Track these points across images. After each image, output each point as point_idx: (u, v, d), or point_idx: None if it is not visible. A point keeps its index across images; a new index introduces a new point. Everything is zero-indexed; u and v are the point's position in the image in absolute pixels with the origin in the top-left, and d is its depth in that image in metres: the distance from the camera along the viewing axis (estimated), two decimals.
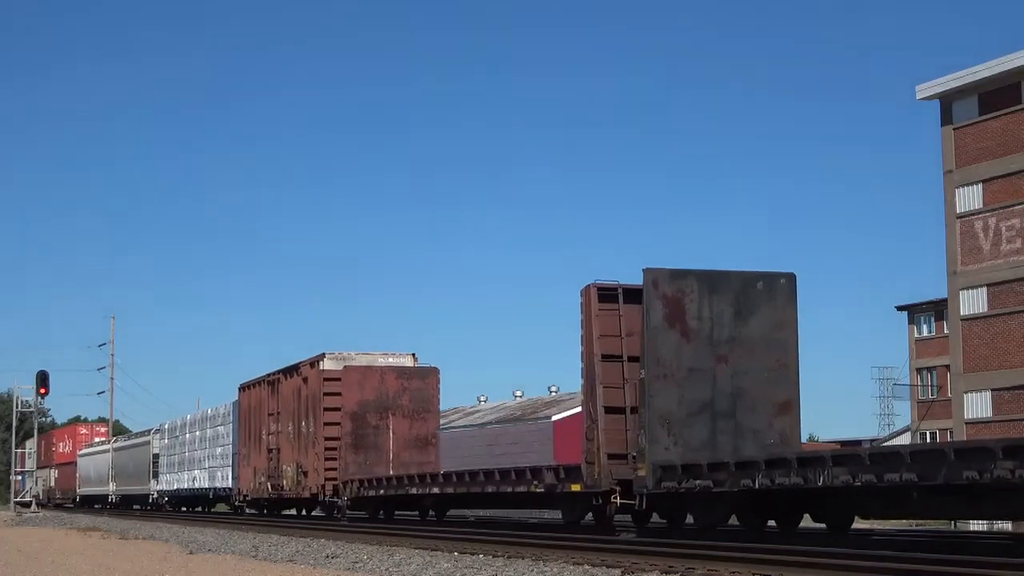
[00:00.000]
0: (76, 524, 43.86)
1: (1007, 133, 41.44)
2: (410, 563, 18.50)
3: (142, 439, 61.77)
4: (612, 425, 21.27)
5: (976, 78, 41.92)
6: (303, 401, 35.96)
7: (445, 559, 19.01)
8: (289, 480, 36.97)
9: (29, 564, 21.97)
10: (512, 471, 24.56)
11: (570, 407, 62.93)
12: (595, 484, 21.15)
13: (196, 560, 21.77)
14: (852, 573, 13.63)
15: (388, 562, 19.00)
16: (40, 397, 69.67)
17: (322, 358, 34.82)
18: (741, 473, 17.60)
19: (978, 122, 42.27)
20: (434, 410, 34.60)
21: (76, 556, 23.89)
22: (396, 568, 17.95)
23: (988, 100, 42.05)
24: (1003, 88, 41.45)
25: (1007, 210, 41.14)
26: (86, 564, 21.44)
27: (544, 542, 19.97)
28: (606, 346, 21.56)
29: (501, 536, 22.25)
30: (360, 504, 33.17)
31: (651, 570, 15.39)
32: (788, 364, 20.56)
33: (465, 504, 31.45)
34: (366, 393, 33.58)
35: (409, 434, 33.81)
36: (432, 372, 34.71)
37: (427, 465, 32.87)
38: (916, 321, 69.98)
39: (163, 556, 23.08)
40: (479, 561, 18.33)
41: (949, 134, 43.22)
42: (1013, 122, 41.27)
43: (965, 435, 41.06)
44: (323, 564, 19.62)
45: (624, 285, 21.79)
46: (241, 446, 43.01)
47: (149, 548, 26.18)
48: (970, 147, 42.50)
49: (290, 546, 24.46)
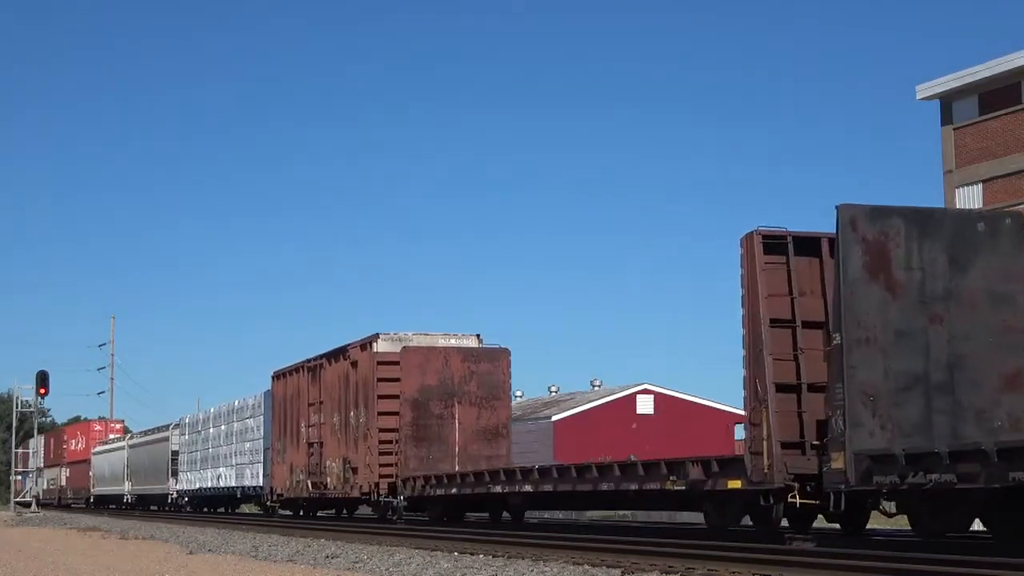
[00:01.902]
0: (76, 524, 43.84)
1: (1007, 133, 41.44)
2: (410, 563, 18.51)
3: (160, 435, 58.05)
4: (784, 406, 17.26)
5: (976, 78, 41.92)
6: (352, 388, 32.26)
7: (445, 559, 19.02)
8: (334, 478, 33.44)
9: (29, 564, 21.97)
10: (639, 464, 20.42)
11: (570, 407, 63.08)
12: (763, 480, 17.07)
13: (196, 560, 21.78)
14: (852, 573, 13.63)
15: (388, 562, 19.01)
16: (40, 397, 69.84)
17: (376, 339, 30.97)
18: (1006, 464, 13.54)
19: (978, 122, 42.28)
20: (505, 397, 31.14)
21: (76, 556, 23.89)
22: (396, 568, 17.96)
23: (988, 100, 42.05)
24: (1003, 88, 41.45)
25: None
26: (86, 564, 21.44)
27: (544, 542, 19.99)
28: (774, 308, 17.56)
29: (501, 536, 22.26)
30: (420, 504, 29.98)
31: (651, 570, 15.39)
32: (1017, 326, 16.69)
33: (560, 505, 28.59)
34: (428, 378, 30.04)
35: (477, 425, 30.29)
36: (502, 354, 31.05)
37: (497, 459, 29.63)
38: None
39: (163, 556, 23.09)
40: (479, 561, 18.34)
41: (949, 134, 43.22)
42: (1013, 122, 41.27)
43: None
44: (323, 564, 19.62)
45: (794, 233, 18.01)
46: (274, 440, 39.54)
47: (149, 548, 26.19)
48: (970, 147, 42.50)
49: (290, 546, 24.46)
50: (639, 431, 60.26)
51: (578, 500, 25.11)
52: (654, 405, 63.63)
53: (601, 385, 67.07)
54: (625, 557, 16.89)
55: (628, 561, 16.35)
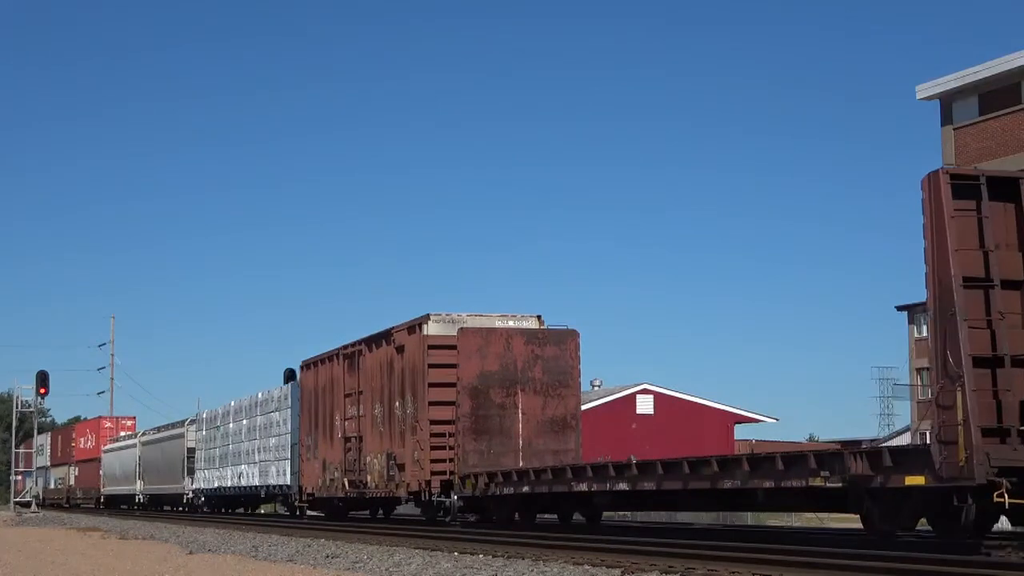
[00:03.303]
0: (76, 524, 43.82)
1: (1007, 133, 41.45)
2: (410, 563, 18.49)
3: (174, 431, 54.76)
4: (982, 384, 14.44)
5: (976, 78, 41.95)
6: (397, 376, 29.18)
7: (445, 559, 19.00)
8: (376, 475, 30.37)
9: (29, 564, 21.97)
10: (777, 458, 17.19)
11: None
12: (958, 475, 14.02)
13: (196, 560, 21.76)
14: (852, 573, 13.61)
15: (388, 562, 18.99)
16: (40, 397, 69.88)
17: (426, 320, 28.06)
18: None
19: (978, 122, 42.30)
20: (574, 384, 27.93)
21: (76, 556, 23.88)
22: (396, 568, 17.94)
23: (988, 100, 42.08)
24: (1003, 88, 41.48)
25: None
26: (86, 564, 21.43)
27: (544, 542, 19.96)
28: (966, 264, 14.72)
29: (501, 536, 22.23)
30: (479, 504, 27.27)
31: (651, 570, 15.37)
32: None
33: (662, 505, 25.56)
34: (488, 363, 27.10)
35: (542, 415, 27.46)
36: (571, 336, 27.92)
37: (566, 454, 27.22)
38: (916, 321, 70.04)
39: (163, 556, 23.07)
40: (479, 561, 18.32)
41: (949, 134, 43.23)
42: (1013, 122, 41.27)
43: None
44: (323, 564, 19.60)
45: (988, 172, 15.53)
46: (303, 435, 36.58)
47: (149, 548, 26.16)
48: (970, 147, 42.50)
49: (290, 546, 24.44)
50: (639, 431, 60.28)
51: (686, 500, 21.72)
52: (654, 405, 63.65)
53: (601, 385, 67.05)
54: (625, 557, 16.87)
55: (628, 561, 16.34)
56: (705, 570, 14.86)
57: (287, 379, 45.86)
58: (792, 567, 14.32)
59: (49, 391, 68.42)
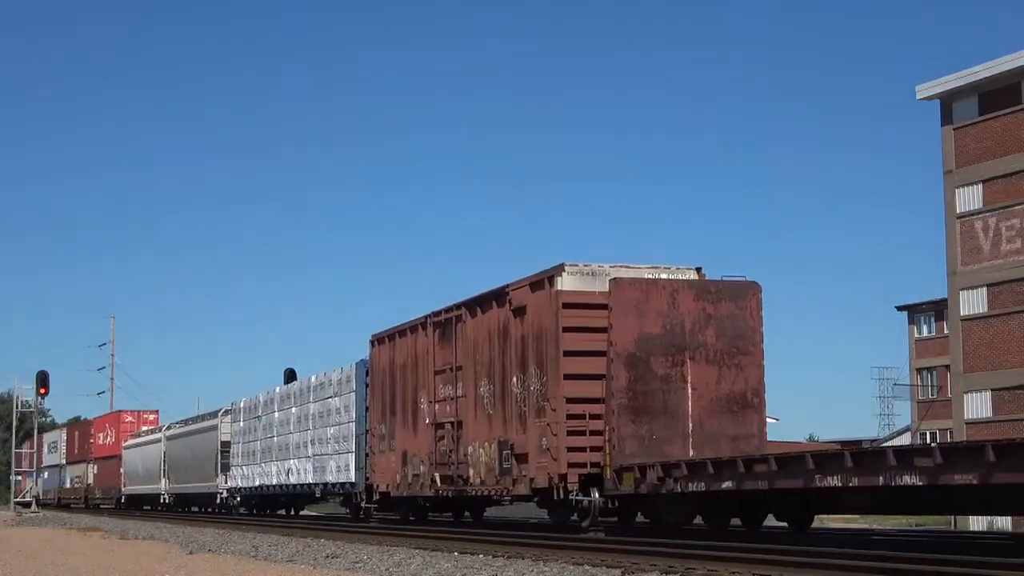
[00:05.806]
0: (76, 524, 43.82)
1: (1007, 133, 41.44)
2: (410, 563, 18.51)
3: (206, 423, 49.15)
4: None
5: (976, 78, 41.93)
6: (515, 345, 23.68)
7: (445, 559, 19.02)
8: (482, 469, 24.79)
9: (29, 564, 21.97)
10: None
11: None
12: None
13: (196, 560, 21.77)
14: (852, 573, 13.64)
15: (388, 562, 19.01)
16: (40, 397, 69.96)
17: (559, 272, 22.48)
18: None
19: (978, 122, 42.29)
20: (755, 352, 22.44)
21: (76, 556, 23.88)
22: (396, 568, 17.95)
23: (988, 100, 42.07)
24: (1003, 88, 41.47)
25: (1007, 210, 41.13)
26: (86, 564, 21.44)
27: (544, 542, 19.97)
28: None
29: (501, 536, 22.24)
30: (644, 503, 22.11)
31: (651, 570, 15.39)
32: None
33: (929, 508, 21.53)
34: (648, 324, 21.74)
35: (717, 391, 22.08)
36: (752, 290, 22.60)
37: (747, 441, 21.91)
38: (916, 321, 70.09)
39: (163, 556, 23.09)
40: (479, 561, 18.34)
41: (949, 134, 43.22)
42: (1013, 122, 41.27)
43: (965, 436, 41.05)
44: (323, 564, 19.61)
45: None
46: (374, 423, 31.07)
47: (149, 548, 26.18)
48: (970, 147, 42.50)
49: (290, 546, 24.46)
50: None
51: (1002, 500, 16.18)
52: None
53: None
54: (625, 557, 16.90)
55: (628, 561, 16.36)
56: (705, 570, 14.88)
57: (287, 380, 45.43)
58: (792, 567, 14.34)
59: (49, 391, 68.47)
